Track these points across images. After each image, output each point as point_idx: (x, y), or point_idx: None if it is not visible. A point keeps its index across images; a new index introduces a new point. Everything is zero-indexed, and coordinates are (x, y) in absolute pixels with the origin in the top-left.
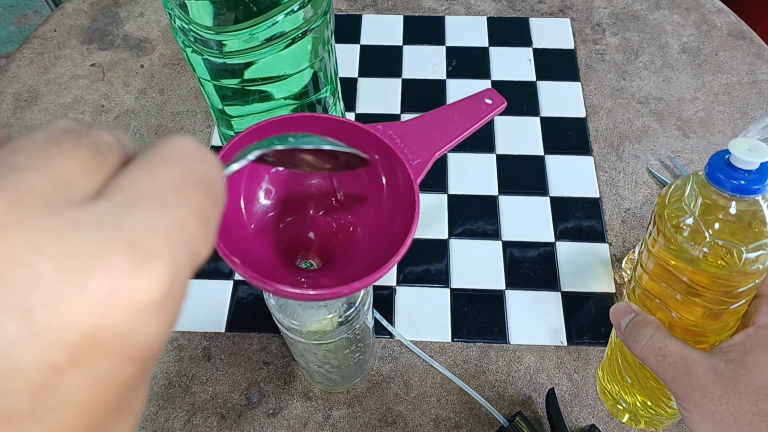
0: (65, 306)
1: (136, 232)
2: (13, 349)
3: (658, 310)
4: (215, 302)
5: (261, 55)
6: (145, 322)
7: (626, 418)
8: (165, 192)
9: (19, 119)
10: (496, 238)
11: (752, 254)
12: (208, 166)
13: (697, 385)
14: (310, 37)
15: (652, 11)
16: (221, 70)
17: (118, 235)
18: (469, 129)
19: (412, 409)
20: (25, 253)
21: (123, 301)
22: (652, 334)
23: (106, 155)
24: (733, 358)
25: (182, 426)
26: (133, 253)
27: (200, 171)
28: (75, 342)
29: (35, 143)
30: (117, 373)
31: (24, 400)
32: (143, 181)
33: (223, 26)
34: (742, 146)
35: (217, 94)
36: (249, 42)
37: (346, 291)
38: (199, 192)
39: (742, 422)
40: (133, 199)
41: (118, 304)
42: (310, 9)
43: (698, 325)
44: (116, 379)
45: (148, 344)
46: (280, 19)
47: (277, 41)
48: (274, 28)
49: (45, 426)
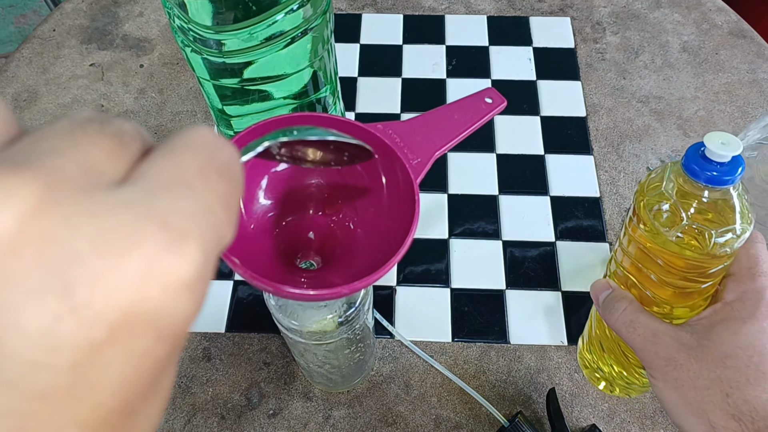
0: (103, 284)
1: (166, 214)
2: (54, 325)
3: (633, 288)
4: (215, 302)
5: (260, 55)
6: (179, 301)
7: (602, 386)
8: (191, 177)
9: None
10: (497, 237)
11: (721, 238)
12: (228, 154)
13: (662, 354)
14: (309, 36)
15: (652, 10)
16: (220, 70)
17: (150, 217)
18: (469, 128)
19: (412, 410)
20: (64, 233)
21: (158, 280)
22: (625, 307)
23: (129, 143)
24: (698, 331)
25: (182, 426)
26: (165, 234)
27: (221, 158)
28: (112, 319)
29: (62, 130)
30: (151, 351)
31: (64, 377)
32: (169, 167)
33: (222, 25)
34: (716, 140)
35: (217, 94)
36: (248, 41)
37: (346, 291)
38: (222, 178)
39: (700, 387)
40: (160, 183)
41: (153, 283)
42: (310, 8)
43: (670, 303)
44: (150, 357)
45: (180, 323)
46: (280, 18)
47: (277, 40)
48: (273, 27)
49: (82, 404)
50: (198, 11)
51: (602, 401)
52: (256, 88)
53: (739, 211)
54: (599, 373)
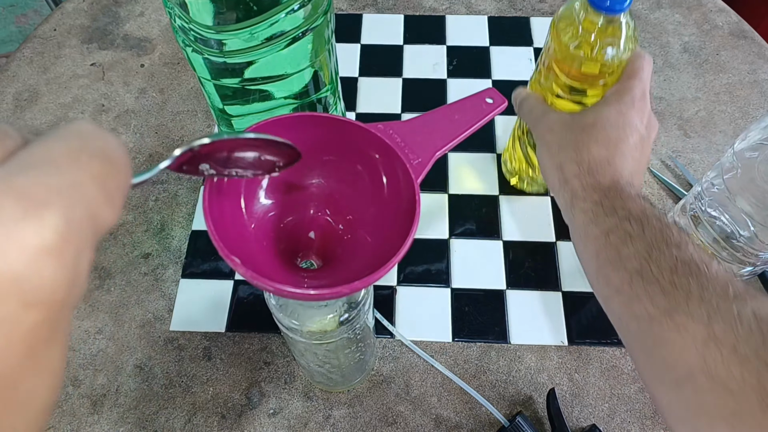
0: None
1: (26, 187)
2: None
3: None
4: (215, 302)
5: (261, 55)
6: (42, 266)
7: (513, 181)
8: (59, 158)
9: (19, 119)
10: (497, 237)
11: (608, 51)
12: (105, 141)
13: (545, 125)
14: (310, 36)
15: (653, 10)
16: (221, 70)
17: (9, 191)
18: (469, 128)
19: (412, 409)
20: None
21: (16, 245)
22: (533, 102)
23: (3, 138)
24: (576, 113)
25: (183, 426)
26: (23, 204)
27: (96, 144)
28: None
29: None
30: (18, 318)
31: None
32: (38, 151)
33: (223, 25)
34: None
35: (218, 94)
36: (249, 41)
37: (347, 291)
38: (94, 159)
39: (563, 146)
40: (26, 163)
41: (11, 248)
42: (311, 8)
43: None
44: (18, 324)
45: (48, 289)
46: (281, 18)
47: (278, 40)
48: (274, 27)
49: None
50: (199, 11)
51: (602, 401)
52: (257, 87)
53: (624, 35)
54: (511, 171)
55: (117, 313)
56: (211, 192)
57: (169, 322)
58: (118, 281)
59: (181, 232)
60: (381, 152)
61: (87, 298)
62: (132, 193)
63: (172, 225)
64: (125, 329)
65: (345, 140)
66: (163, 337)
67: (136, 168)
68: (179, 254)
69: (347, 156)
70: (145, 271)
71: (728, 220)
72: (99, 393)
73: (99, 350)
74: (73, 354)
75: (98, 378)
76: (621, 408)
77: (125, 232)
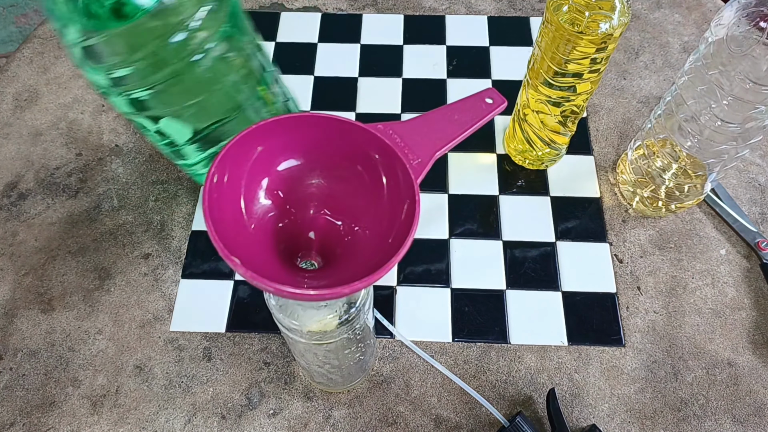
0: None
1: None
2: None
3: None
4: (215, 302)
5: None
6: None
7: (517, 159)
8: None
9: (19, 119)
10: (497, 238)
11: (604, 22)
12: None
13: None
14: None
15: (652, 10)
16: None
17: None
18: (469, 129)
19: (412, 409)
20: None
21: None
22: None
23: None
24: None
25: (182, 426)
26: None
27: None
28: None
29: None
30: None
31: None
32: None
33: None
34: None
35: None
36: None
37: (347, 291)
38: None
39: None
40: None
41: None
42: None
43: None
44: None
45: None
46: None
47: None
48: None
49: None
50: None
51: (602, 401)
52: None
53: (618, 9)
54: (515, 151)
55: (117, 313)
56: (211, 192)
57: (169, 323)
58: (118, 281)
59: (181, 233)
60: (381, 152)
61: (87, 299)
62: (132, 193)
63: (172, 225)
64: (125, 329)
65: (345, 140)
66: (163, 338)
67: (135, 170)
68: (179, 254)
69: (347, 156)
70: (145, 271)
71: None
72: (99, 393)
73: (99, 351)
74: (73, 354)
75: (98, 378)
76: (621, 408)
77: (125, 232)
